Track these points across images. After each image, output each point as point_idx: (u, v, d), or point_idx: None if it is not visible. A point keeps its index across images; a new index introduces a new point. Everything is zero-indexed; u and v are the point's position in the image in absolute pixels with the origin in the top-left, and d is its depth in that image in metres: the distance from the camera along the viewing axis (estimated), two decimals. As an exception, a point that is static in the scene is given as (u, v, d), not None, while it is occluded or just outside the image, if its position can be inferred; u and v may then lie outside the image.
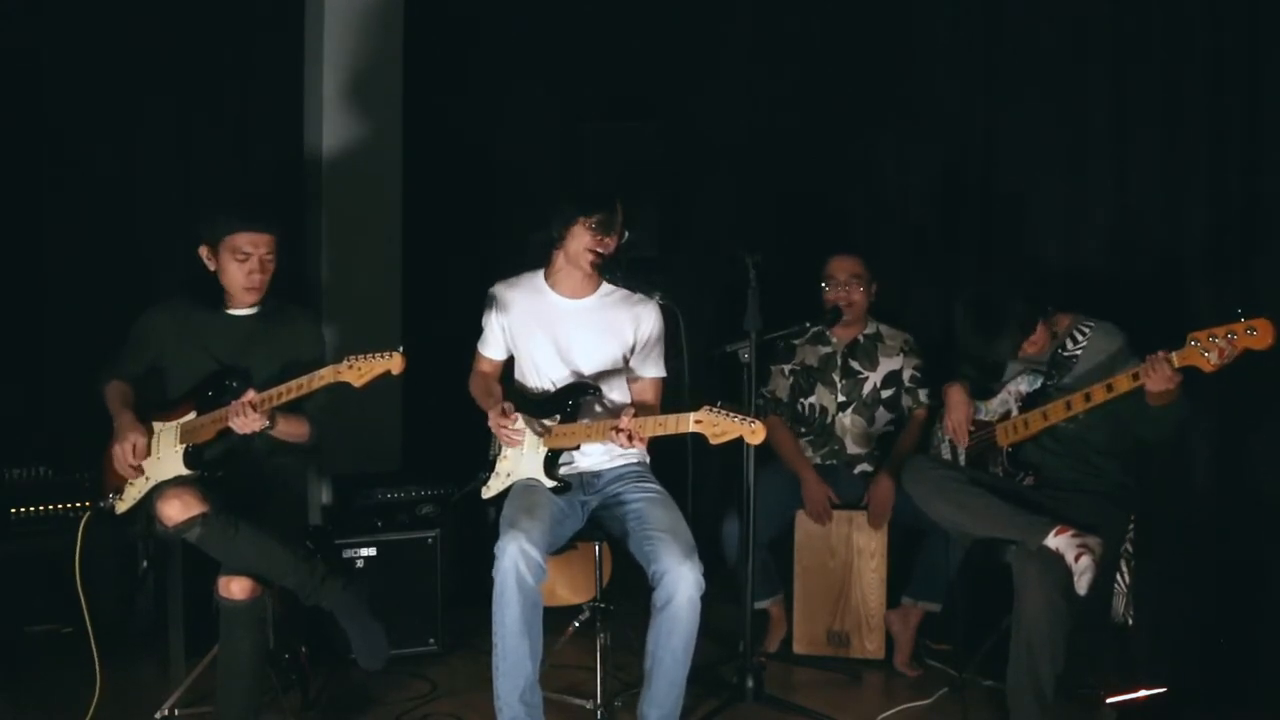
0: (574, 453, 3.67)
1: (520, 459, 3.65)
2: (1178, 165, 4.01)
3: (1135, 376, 3.39)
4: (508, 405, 3.61)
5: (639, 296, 3.71)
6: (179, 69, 4.74)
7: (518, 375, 3.81)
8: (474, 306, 3.90)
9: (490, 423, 3.62)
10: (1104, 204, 4.22)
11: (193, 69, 4.76)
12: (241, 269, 3.56)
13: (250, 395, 3.39)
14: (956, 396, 3.94)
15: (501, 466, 3.71)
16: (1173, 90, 4.01)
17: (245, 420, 3.39)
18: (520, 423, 3.60)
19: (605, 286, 3.73)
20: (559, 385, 3.70)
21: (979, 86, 4.64)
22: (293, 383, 3.40)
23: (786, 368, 4.48)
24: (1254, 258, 3.86)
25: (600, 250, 3.61)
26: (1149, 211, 4.09)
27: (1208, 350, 3.23)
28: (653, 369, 3.77)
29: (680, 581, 3.35)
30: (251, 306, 3.66)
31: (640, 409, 3.55)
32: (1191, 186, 3.98)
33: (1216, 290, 3.89)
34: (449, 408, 4.00)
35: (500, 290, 3.78)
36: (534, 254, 3.73)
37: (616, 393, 3.72)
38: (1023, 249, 4.43)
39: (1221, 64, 3.89)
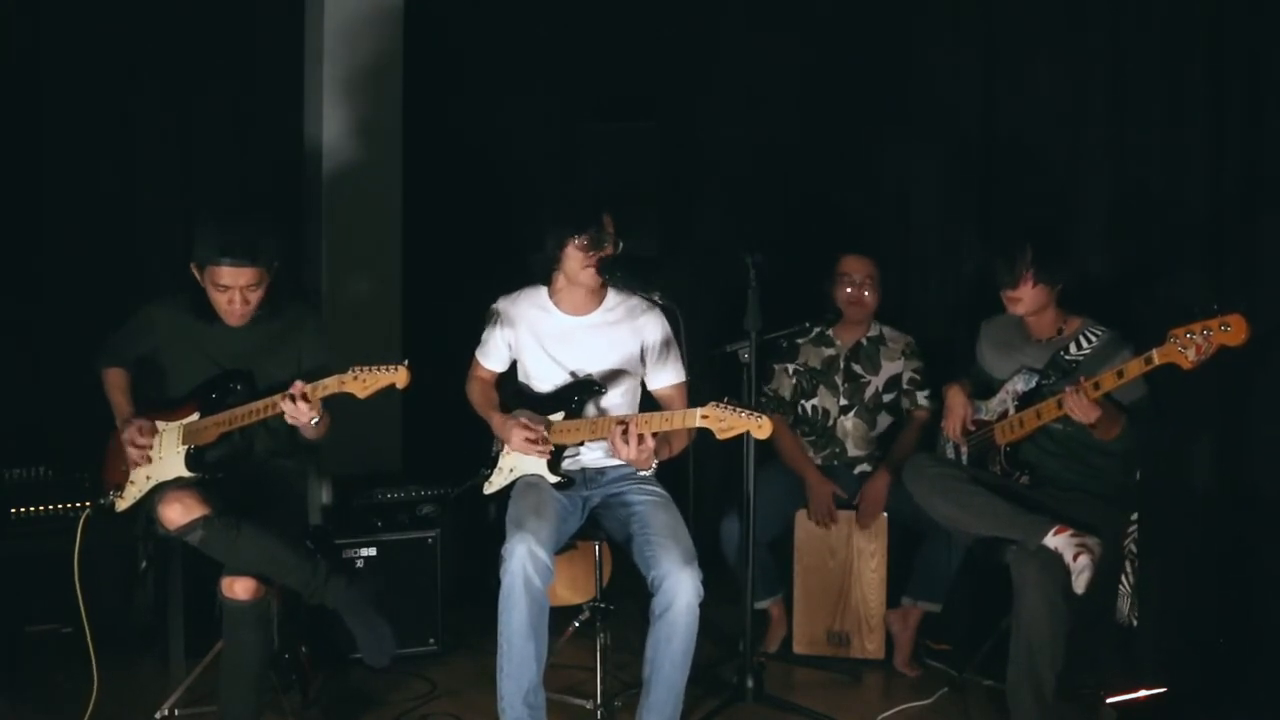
0: (578, 447, 3.67)
1: (524, 455, 3.65)
2: (1181, 156, 4.02)
3: (1120, 374, 3.40)
4: (533, 424, 3.60)
5: (642, 304, 3.70)
6: (179, 70, 4.73)
7: (521, 377, 3.80)
8: (474, 307, 3.89)
9: (518, 445, 3.58)
10: (1105, 203, 4.23)
11: (192, 70, 4.75)
12: (221, 299, 3.48)
13: (299, 385, 3.34)
14: (956, 398, 3.94)
15: (504, 462, 3.70)
16: (1175, 90, 4.02)
17: (296, 410, 3.34)
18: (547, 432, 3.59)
19: (609, 300, 3.71)
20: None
21: (979, 81, 4.64)
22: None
23: (790, 367, 4.47)
24: (1255, 239, 3.88)
25: (595, 266, 3.60)
26: (1152, 204, 4.10)
27: (1185, 347, 3.24)
28: (671, 375, 3.73)
29: (679, 588, 3.35)
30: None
31: None
32: (1193, 175, 3.99)
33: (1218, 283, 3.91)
34: (449, 408, 4.00)
35: (504, 306, 3.77)
36: (537, 273, 3.72)
37: (621, 397, 3.71)
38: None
39: (1222, 42, 3.90)
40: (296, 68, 4.98)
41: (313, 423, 3.39)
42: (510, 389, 3.81)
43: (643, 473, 3.69)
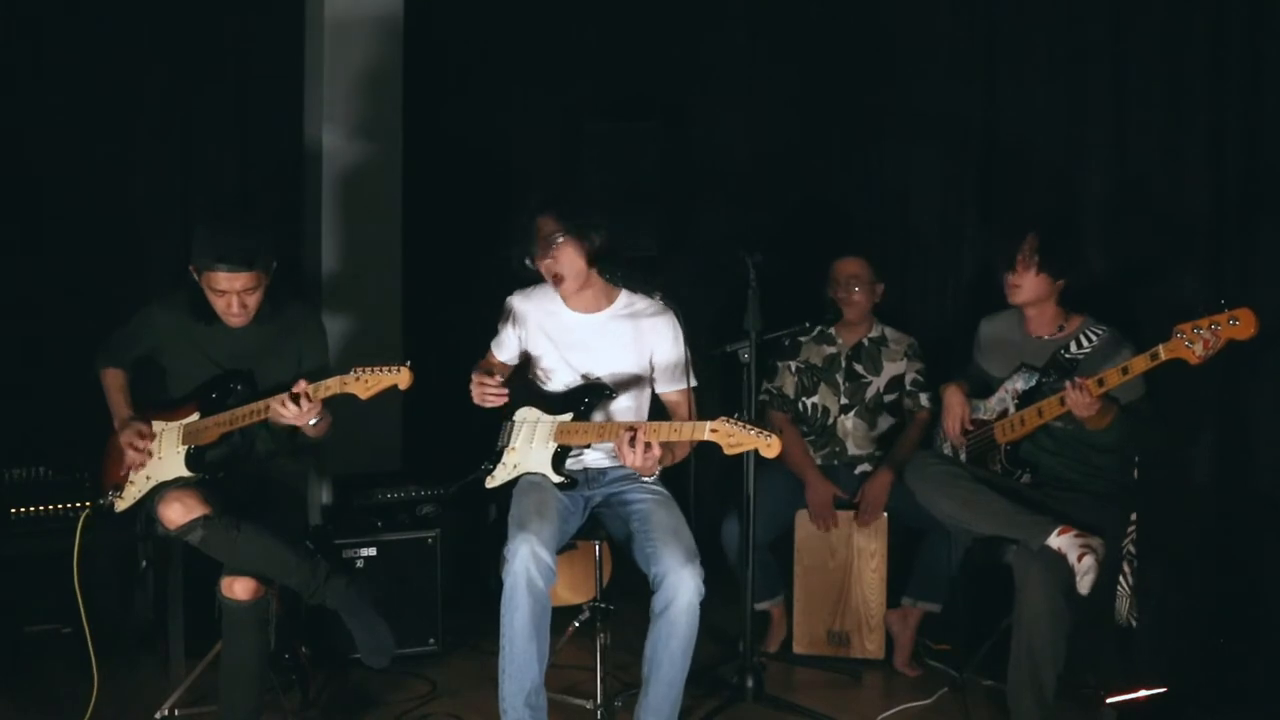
0: (582, 448, 3.66)
1: (529, 452, 3.64)
2: (1181, 156, 4.01)
3: (1125, 370, 3.40)
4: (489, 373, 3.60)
5: (654, 306, 3.68)
6: (179, 70, 4.73)
7: (529, 375, 3.80)
8: (473, 307, 3.89)
9: (477, 398, 3.57)
10: (1105, 203, 4.23)
11: (192, 70, 4.75)
12: (220, 303, 3.48)
13: (302, 385, 3.34)
14: (953, 398, 3.93)
15: (509, 458, 3.69)
16: (1175, 90, 4.02)
17: (292, 410, 3.34)
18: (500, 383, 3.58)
19: (620, 301, 3.70)
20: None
21: (979, 82, 4.64)
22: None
23: (793, 364, 4.47)
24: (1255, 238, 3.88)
25: (553, 277, 3.59)
26: (1152, 204, 4.10)
27: (1193, 342, 3.23)
28: (679, 381, 3.71)
29: (680, 586, 3.34)
30: None
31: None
32: (1193, 175, 3.99)
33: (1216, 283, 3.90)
34: (450, 407, 4.00)
35: (516, 302, 3.77)
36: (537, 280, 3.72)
37: (630, 401, 3.70)
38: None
39: (1222, 41, 3.90)
40: (296, 69, 4.97)
41: (311, 422, 3.39)
42: (520, 389, 3.80)
43: (646, 478, 3.69)
